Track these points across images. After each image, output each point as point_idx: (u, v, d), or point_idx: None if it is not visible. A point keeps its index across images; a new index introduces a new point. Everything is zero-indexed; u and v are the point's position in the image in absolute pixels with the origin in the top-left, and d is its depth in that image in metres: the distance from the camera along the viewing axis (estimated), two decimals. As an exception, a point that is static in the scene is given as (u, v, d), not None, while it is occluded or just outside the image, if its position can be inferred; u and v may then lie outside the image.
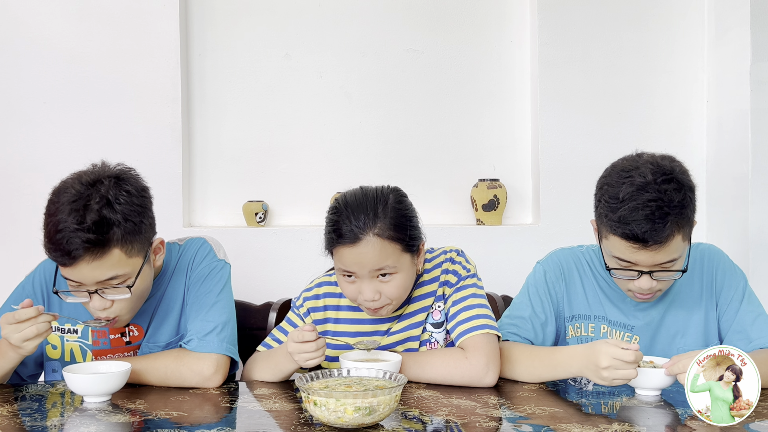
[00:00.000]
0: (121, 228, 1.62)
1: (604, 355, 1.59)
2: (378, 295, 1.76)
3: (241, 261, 2.76)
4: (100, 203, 1.60)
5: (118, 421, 1.46)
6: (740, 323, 1.83)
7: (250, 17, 3.00)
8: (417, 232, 1.81)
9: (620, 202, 1.67)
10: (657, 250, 1.66)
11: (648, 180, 1.66)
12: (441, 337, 1.88)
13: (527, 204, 3.09)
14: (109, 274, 1.64)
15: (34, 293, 1.85)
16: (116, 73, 2.85)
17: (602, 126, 2.99)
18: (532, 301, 1.90)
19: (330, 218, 1.78)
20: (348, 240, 1.72)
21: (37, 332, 1.61)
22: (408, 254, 1.78)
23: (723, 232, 2.88)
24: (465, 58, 3.06)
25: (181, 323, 1.86)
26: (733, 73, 2.83)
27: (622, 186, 1.68)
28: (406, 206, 1.81)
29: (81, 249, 1.58)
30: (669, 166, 1.70)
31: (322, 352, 1.69)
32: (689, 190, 1.69)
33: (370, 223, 1.72)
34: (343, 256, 1.75)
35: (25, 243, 2.79)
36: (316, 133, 3.02)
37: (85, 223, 1.58)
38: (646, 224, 1.63)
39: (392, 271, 1.75)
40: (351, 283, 1.77)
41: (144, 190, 1.71)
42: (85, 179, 1.64)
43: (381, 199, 1.77)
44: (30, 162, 2.82)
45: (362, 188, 1.82)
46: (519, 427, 1.42)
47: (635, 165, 1.71)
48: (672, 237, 1.65)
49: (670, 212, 1.63)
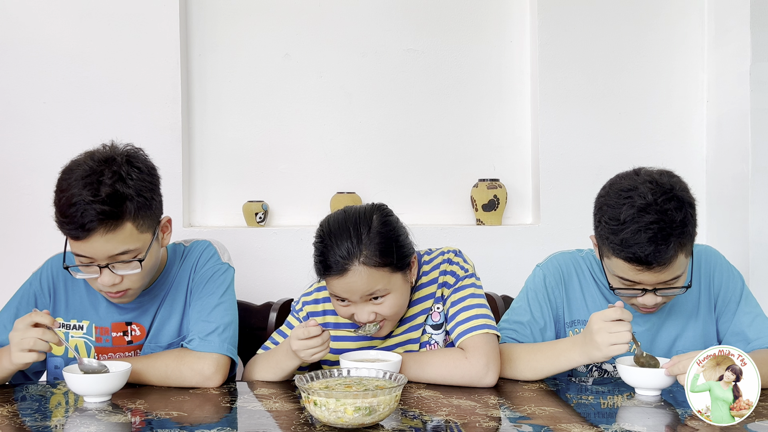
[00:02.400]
0: (134, 202, 1.65)
1: (593, 321, 1.63)
2: (373, 316, 1.76)
3: (241, 261, 2.76)
4: (113, 178, 1.63)
5: (118, 421, 1.47)
6: (738, 324, 1.83)
7: (250, 17, 3.00)
8: (406, 250, 1.79)
9: (621, 224, 1.64)
10: (661, 271, 1.65)
11: (648, 201, 1.63)
12: (440, 338, 1.88)
13: (527, 204, 3.09)
14: (121, 248, 1.65)
15: (41, 290, 1.86)
16: (116, 73, 2.84)
17: (602, 126, 2.99)
18: (531, 306, 1.89)
19: (316, 246, 1.78)
20: (335, 272, 1.72)
21: (33, 346, 1.61)
22: (399, 273, 1.77)
23: (723, 232, 2.88)
24: (465, 58, 3.06)
25: (183, 324, 1.86)
26: (733, 73, 2.83)
27: (622, 207, 1.65)
28: (391, 227, 1.78)
29: (95, 221, 1.60)
30: (668, 183, 1.67)
31: (327, 345, 1.70)
32: (690, 207, 1.66)
33: (356, 252, 1.70)
34: (332, 285, 1.75)
35: (25, 243, 2.79)
36: (316, 133, 3.02)
37: (99, 195, 1.60)
38: (649, 247, 1.61)
39: (384, 293, 1.75)
40: (345, 306, 1.78)
41: (153, 169, 1.76)
42: (97, 157, 1.67)
43: (364, 222, 1.75)
44: (30, 162, 2.81)
45: (345, 211, 1.80)
46: (519, 427, 1.42)
47: (634, 184, 1.67)
48: (675, 257, 1.64)
49: (672, 233, 1.61)
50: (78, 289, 1.86)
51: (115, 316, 1.84)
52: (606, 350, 1.61)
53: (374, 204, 1.83)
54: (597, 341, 1.61)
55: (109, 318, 1.84)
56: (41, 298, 1.86)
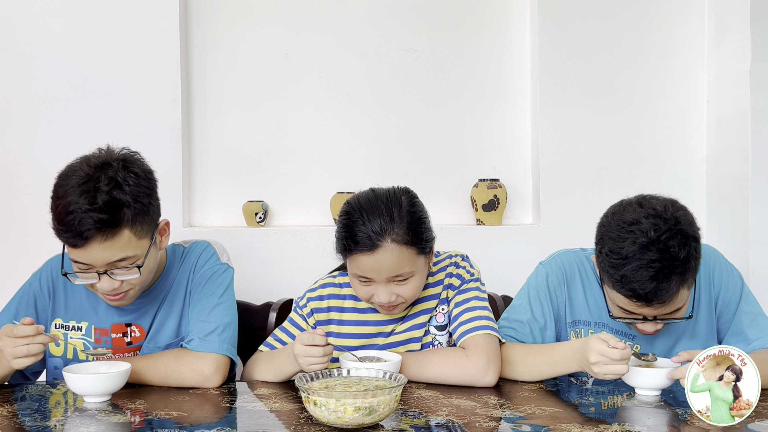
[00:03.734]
0: (131, 209, 1.64)
1: (592, 352, 1.59)
2: (394, 297, 1.75)
3: (241, 261, 2.76)
4: (109, 185, 1.62)
5: (118, 421, 1.47)
6: (738, 324, 1.82)
7: (250, 17, 3.00)
8: (430, 234, 1.80)
9: (623, 259, 1.60)
10: (661, 306, 1.63)
11: (651, 237, 1.58)
12: (444, 339, 1.88)
13: (527, 204, 3.09)
14: (119, 255, 1.65)
15: (41, 291, 1.86)
16: (116, 73, 2.84)
17: (602, 126, 2.99)
18: (532, 304, 1.88)
19: (344, 222, 1.74)
20: (365, 247, 1.69)
21: (27, 353, 1.61)
22: (422, 257, 1.77)
23: (723, 232, 2.88)
24: (465, 58, 3.06)
25: (182, 325, 1.86)
26: (733, 73, 2.82)
27: (624, 242, 1.61)
28: (419, 208, 1.79)
29: (93, 229, 1.59)
30: (673, 217, 1.62)
31: (327, 360, 1.66)
32: (694, 240, 1.62)
33: (387, 229, 1.69)
34: (359, 263, 1.72)
35: (25, 243, 2.79)
36: (316, 133, 3.02)
37: (96, 203, 1.59)
38: (650, 284, 1.58)
39: (409, 275, 1.74)
40: (366, 286, 1.76)
41: (150, 173, 1.74)
42: (93, 162, 1.65)
43: (395, 201, 1.74)
44: (30, 162, 2.81)
45: (373, 190, 1.80)
46: (519, 427, 1.42)
47: (636, 218, 1.62)
48: (677, 294, 1.61)
49: (674, 270, 1.58)
50: (77, 290, 1.86)
51: (115, 318, 1.84)
52: (601, 377, 1.60)
53: (400, 186, 1.83)
54: (594, 370, 1.60)
55: (109, 319, 1.84)
56: (41, 299, 1.85)
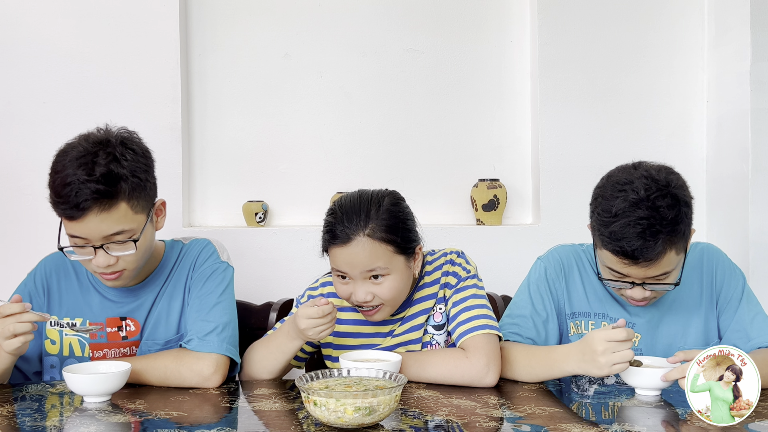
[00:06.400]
0: (128, 183, 1.66)
1: (597, 341, 1.60)
2: (370, 296, 1.78)
3: (241, 261, 2.76)
4: (107, 159, 1.65)
5: (118, 421, 1.46)
6: (739, 322, 1.83)
7: (250, 17, 3.00)
8: (412, 235, 1.83)
9: (612, 216, 1.65)
10: (648, 266, 1.66)
11: (641, 196, 1.64)
12: (442, 339, 1.88)
13: (527, 204, 3.09)
14: (115, 228, 1.66)
15: (36, 290, 1.87)
16: (116, 73, 2.84)
17: (602, 126, 2.99)
18: (532, 298, 1.90)
19: (326, 220, 1.83)
20: (340, 240, 1.76)
21: (15, 331, 1.60)
22: (401, 256, 1.79)
23: (723, 232, 2.88)
24: (465, 58, 3.06)
25: (181, 322, 1.86)
26: (733, 73, 2.82)
27: (615, 200, 1.66)
28: (401, 209, 1.84)
29: (90, 200, 1.61)
30: (665, 179, 1.67)
31: (333, 322, 1.72)
32: (684, 205, 1.66)
33: (362, 224, 1.76)
34: (335, 256, 1.78)
35: (25, 243, 2.79)
36: (316, 133, 3.02)
37: (94, 175, 1.62)
38: (636, 241, 1.62)
39: (384, 273, 1.77)
40: (344, 284, 1.80)
41: (147, 151, 1.78)
42: (92, 139, 1.70)
43: (375, 201, 1.80)
44: (30, 162, 2.81)
45: (360, 191, 1.86)
46: (519, 427, 1.42)
47: (630, 179, 1.68)
48: (664, 254, 1.64)
49: (662, 230, 1.62)
50: (71, 286, 1.87)
51: (109, 311, 1.84)
52: (608, 370, 1.60)
53: (388, 189, 1.89)
54: (600, 361, 1.60)
55: (103, 313, 1.84)
56: (36, 297, 1.86)
